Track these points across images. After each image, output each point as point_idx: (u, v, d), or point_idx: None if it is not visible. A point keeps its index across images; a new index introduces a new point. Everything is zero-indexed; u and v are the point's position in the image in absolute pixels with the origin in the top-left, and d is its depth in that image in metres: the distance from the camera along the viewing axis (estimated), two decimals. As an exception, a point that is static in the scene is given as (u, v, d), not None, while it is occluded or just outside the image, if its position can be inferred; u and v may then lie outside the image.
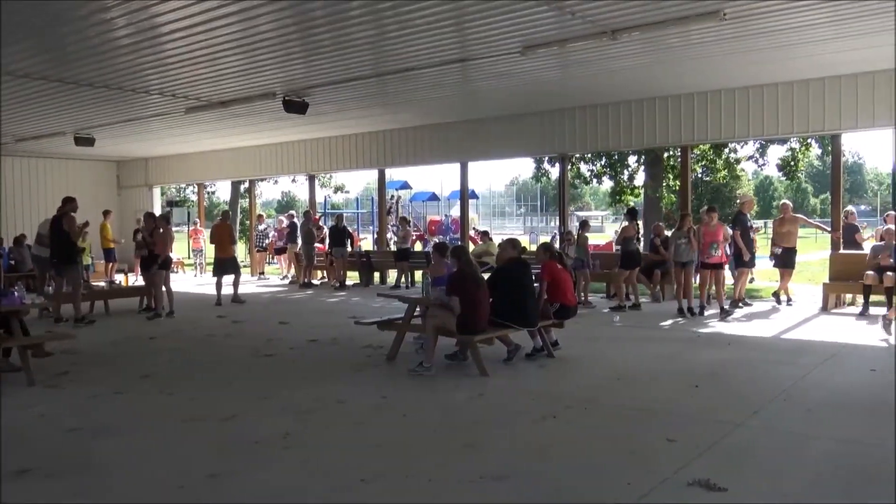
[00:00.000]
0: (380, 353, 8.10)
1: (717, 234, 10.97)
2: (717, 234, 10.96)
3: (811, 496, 3.91)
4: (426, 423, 5.53)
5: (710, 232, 10.92)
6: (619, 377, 6.95)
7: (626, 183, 22.67)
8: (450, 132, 15.77)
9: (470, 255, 7.76)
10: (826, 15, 7.93)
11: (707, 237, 10.88)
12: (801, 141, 19.55)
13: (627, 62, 10.07)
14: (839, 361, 7.51)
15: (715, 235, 10.91)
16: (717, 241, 10.88)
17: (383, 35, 8.44)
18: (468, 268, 7.31)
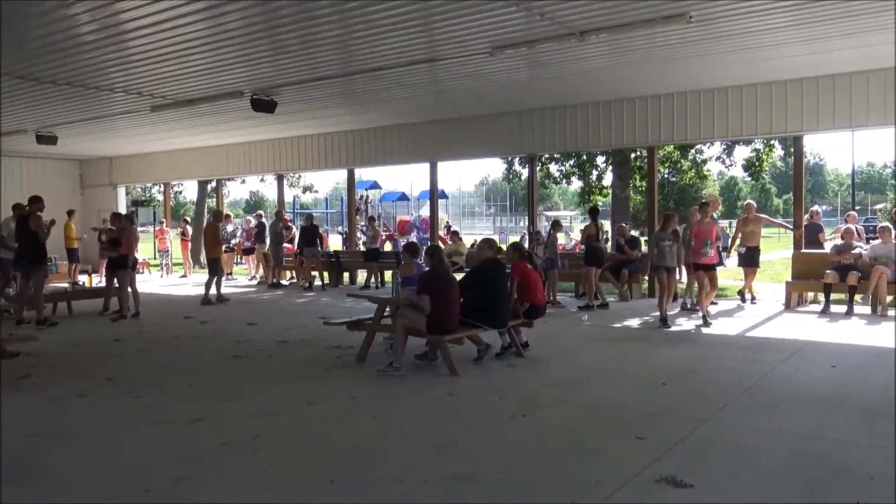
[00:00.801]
0: (349, 353, 8.06)
1: (711, 232, 10.21)
2: (711, 233, 10.20)
3: (776, 490, 3.98)
4: (396, 423, 5.52)
5: (703, 230, 10.13)
6: (587, 376, 7.00)
7: (594, 183, 22.92)
8: (419, 132, 15.77)
9: (443, 254, 7.76)
10: (788, 19, 8.09)
11: (700, 235, 10.13)
12: (764, 142, 19.93)
13: (595, 63, 10.16)
14: (802, 358, 7.66)
15: (708, 234, 10.12)
16: (710, 240, 10.12)
17: (351, 34, 8.41)
18: (441, 267, 7.31)
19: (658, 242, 10.10)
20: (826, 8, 7.64)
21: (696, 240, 10.12)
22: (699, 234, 10.12)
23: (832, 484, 4.07)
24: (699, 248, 10.08)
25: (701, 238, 10.08)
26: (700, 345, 8.60)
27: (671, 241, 10.05)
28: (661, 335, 9.41)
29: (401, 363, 7.01)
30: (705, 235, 10.08)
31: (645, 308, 11.86)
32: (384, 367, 7.02)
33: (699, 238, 10.09)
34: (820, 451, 4.67)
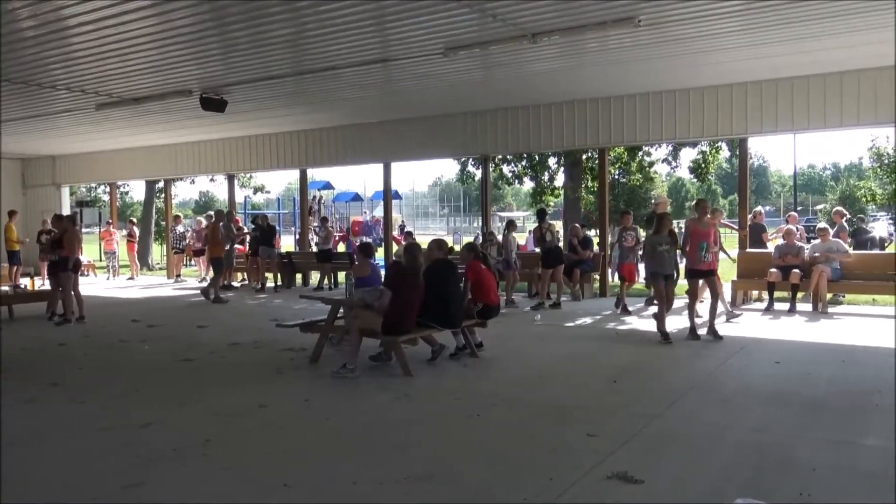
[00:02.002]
0: (302, 355, 7.99)
1: (708, 233, 9.00)
2: (708, 234, 8.99)
3: (725, 484, 4.08)
4: (350, 425, 5.49)
5: (700, 231, 8.93)
6: (540, 375, 7.08)
7: (546, 184, 23.19)
8: (373, 132, 15.71)
9: (420, 256, 7.65)
10: (734, 25, 8.30)
11: (695, 237, 8.91)
12: (711, 144, 20.43)
13: (547, 65, 10.26)
14: (747, 354, 7.87)
15: (705, 235, 8.93)
16: (708, 243, 8.93)
17: (303, 33, 8.33)
18: (413, 266, 7.31)
19: (655, 248, 8.86)
20: (770, 14, 7.86)
21: (692, 242, 8.92)
22: (695, 236, 8.94)
23: (779, 477, 4.19)
24: (695, 253, 8.86)
25: (696, 240, 8.91)
26: (650, 343, 8.75)
27: (668, 245, 8.86)
28: (611, 333, 9.56)
29: (355, 364, 6.97)
30: (701, 237, 8.92)
31: (597, 307, 12.04)
32: (338, 369, 6.98)
33: (694, 240, 8.92)
34: (767, 445, 4.80)
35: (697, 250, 8.82)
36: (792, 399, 5.95)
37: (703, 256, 8.82)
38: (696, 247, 8.84)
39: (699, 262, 8.86)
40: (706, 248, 8.86)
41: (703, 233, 8.93)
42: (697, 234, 8.91)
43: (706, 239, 8.90)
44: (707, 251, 8.87)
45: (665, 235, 8.91)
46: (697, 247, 8.84)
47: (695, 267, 8.92)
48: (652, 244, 8.97)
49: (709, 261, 8.95)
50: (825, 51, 9.53)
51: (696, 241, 8.88)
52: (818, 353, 7.89)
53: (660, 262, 8.80)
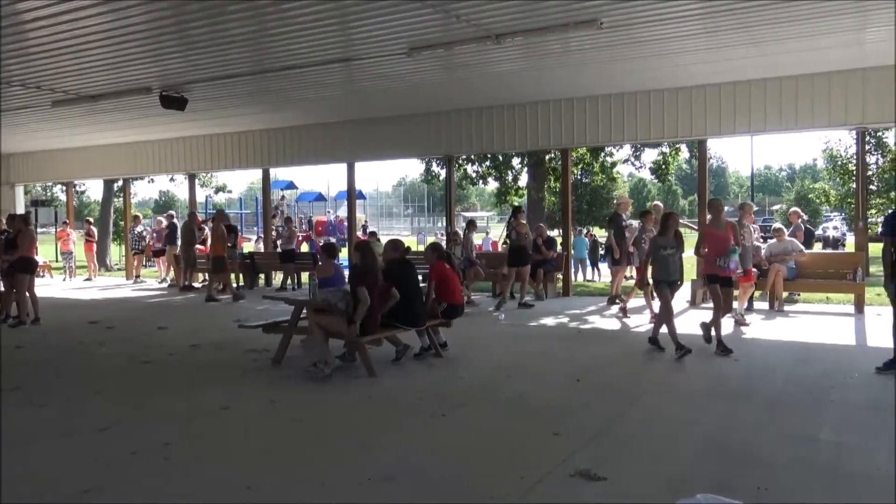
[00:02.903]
0: (266, 356, 7.91)
1: (727, 237, 8.14)
2: (726, 238, 8.13)
3: (687, 480, 4.14)
4: (315, 426, 5.46)
5: (715, 234, 8.14)
6: (505, 374, 7.11)
7: (510, 184, 23.32)
8: (336, 132, 15.62)
9: (375, 253, 7.65)
10: (694, 28, 8.45)
11: (711, 240, 8.16)
12: (671, 145, 20.74)
13: (511, 66, 10.32)
14: (707, 352, 8.00)
15: (722, 239, 8.09)
16: (726, 249, 8.05)
17: (264, 31, 8.24)
18: (374, 264, 7.27)
19: (658, 251, 8.00)
20: (728, 18, 8.02)
21: (708, 245, 8.19)
22: (710, 238, 8.17)
23: (738, 472, 4.27)
24: (712, 256, 8.10)
25: (713, 245, 8.13)
26: (613, 341, 8.86)
27: (674, 248, 7.98)
28: (574, 332, 9.65)
29: (327, 362, 6.89)
30: (719, 242, 8.08)
31: (559, 307, 12.14)
32: (308, 367, 6.89)
33: (710, 244, 8.14)
34: (727, 441, 4.90)
35: (715, 254, 8.04)
36: (751, 396, 6.08)
37: (722, 263, 7.97)
38: (714, 251, 8.07)
39: (717, 267, 8.04)
40: (736, 252, 8.10)
41: (720, 237, 8.08)
42: (714, 239, 8.13)
43: (724, 244, 8.04)
44: (727, 259, 7.96)
45: (671, 238, 8.00)
46: (714, 252, 8.06)
47: (711, 272, 8.10)
48: (656, 248, 8.06)
49: (731, 267, 8.10)
50: (782, 55, 9.75)
51: (712, 245, 8.13)
52: (775, 351, 8.07)
53: (664, 267, 7.96)
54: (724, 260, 7.97)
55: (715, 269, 8.04)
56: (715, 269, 8.04)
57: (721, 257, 7.97)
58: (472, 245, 13.47)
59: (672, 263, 7.94)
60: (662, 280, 8.00)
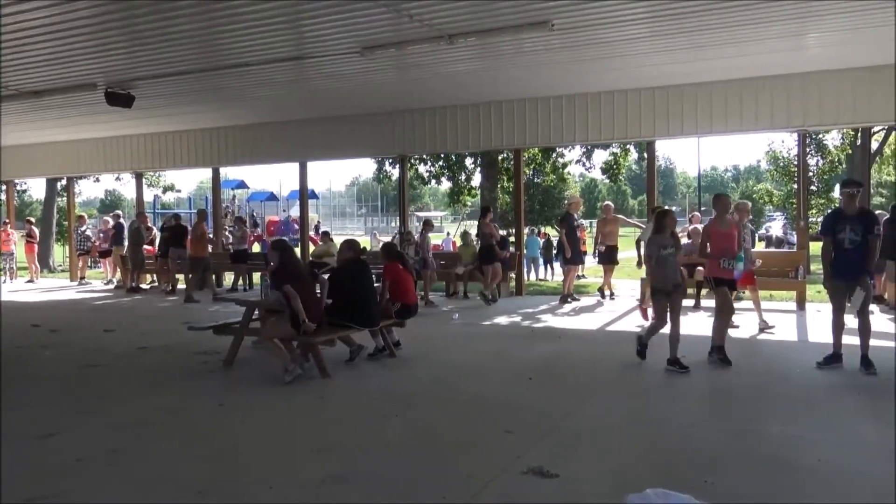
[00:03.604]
0: (216, 359, 7.78)
1: (732, 236, 7.48)
2: (732, 237, 7.47)
3: (637, 475, 4.21)
4: (267, 428, 5.40)
5: (721, 233, 7.46)
6: (458, 374, 7.14)
7: (463, 184, 23.41)
8: (289, 131, 15.45)
9: (292, 249, 7.59)
10: (643, 31, 8.60)
11: (715, 239, 7.45)
12: (621, 146, 21.07)
13: (464, 66, 10.36)
14: (656, 349, 8.13)
15: (727, 238, 7.43)
16: (731, 250, 7.41)
17: (214, 28, 8.10)
18: (291, 260, 7.21)
19: (659, 252, 7.16)
20: (675, 22, 8.19)
21: (712, 245, 7.44)
22: (714, 238, 7.45)
23: (686, 466, 4.37)
24: (716, 258, 7.41)
25: (719, 245, 7.42)
26: (564, 340, 8.97)
27: (673, 248, 7.23)
28: (527, 331, 9.74)
29: (291, 364, 6.79)
30: (724, 241, 7.42)
31: (513, 306, 12.23)
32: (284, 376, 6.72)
33: (715, 243, 7.42)
34: (674, 436, 5.01)
35: (719, 254, 7.37)
36: (698, 391, 6.23)
37: (726, 264, 7.35)
38: (718, 250, 7.40)
39: (722, 269, 7.38)
40: (741, 259, 7.47)
41: (725, 235, 7.45)
42: (718, 237, 7.43)
43: (730, 244, 7.42)
44: (731, 262, 7.36)
45: (668, 237, 7.28)
46: (722, 252, 7.38)
47: (717, 275, 7.40)
48: (656, 247, 7.21)
49: (739, 269, 7.57)
50: (725, 59, 10.00)
51: (716, 245, 7.41)
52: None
53: (663, 269, 7.17)
54: (730, 263, 7.34)
55: (721, 271, 7.35)
56: (721, 271, 7.35)
57: (725, 259, 7.31)
58: (429, 245, 13.49)
59: (671, 264, 7.19)
60: (661, 289, 7.18)
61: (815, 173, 24.46)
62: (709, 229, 7.60)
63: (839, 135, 24.34)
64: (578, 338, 9.18)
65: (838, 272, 6.89)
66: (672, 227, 7.37)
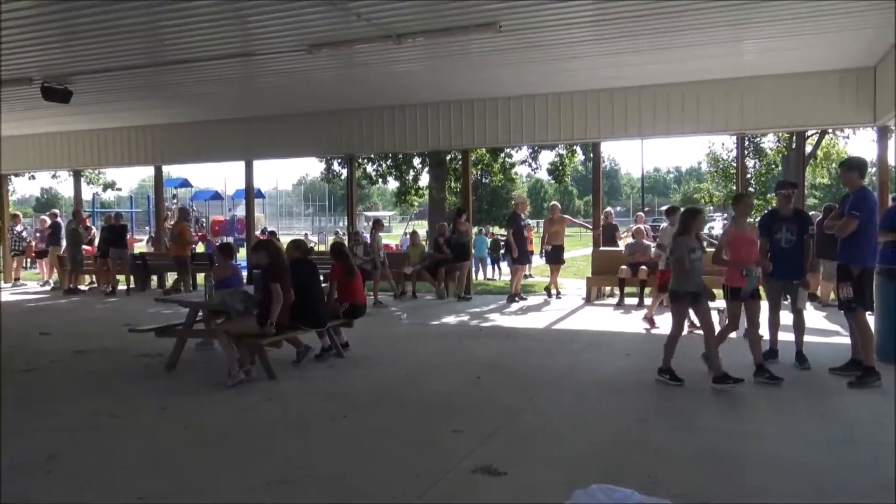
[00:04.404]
0: (158, 361, 7.60)
1: (752, 241, 6.78)
2: (753, 242, 6.77)
3: (583, 471, 4.28)
4: (211, 432, 5.30)
5: (743, 238, 6.67)
6: (407, 373, 7.14)
7: (410, 184, 23.41)
8: (234, 128, 15.17)
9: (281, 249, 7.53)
10: (587, 34, 8.75)
11: (735, 245, 6.65)
12: (567, 147, 21.36)
13: (413, 66, 10.35)
14: (601, 348, 8.32)
15: (750, 244, 6.70)
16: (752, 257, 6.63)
17: (157, 23, 7.92)
18: (280, 259, 7.14)
19: (688, 254, 6.34)
20: (618, 26, 8.34)
21: (732, 251, 6.65)
22: (735, 243, 6.65)
23: (630, 462, 4.46)
24: (736, 265, 6.55)
25: (739, 249, 6.63)
26: (512, 339, 9.05)
27: (700, 250, 6.50)
28: (475, 330, 9.80)
29: (236, 368, 6.67)
30: (744, 246, 6.66)
31: (461, 306, 12.29)
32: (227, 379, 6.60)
33: (736, 248, 6.64)
34: (619, 432, 5.10)
35: (740, 264, 6.52)
36: (643, 387, 6.35)
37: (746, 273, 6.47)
38: (737, 258, 6.58)
39: (742, 277, 6.50)
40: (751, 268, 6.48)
41: (747, 240, 6.68)
42: (740, 243, 6.64)
43: (751, 249, 6.66)
44: (751, 272, 6.48)
45: (694, 238, 6.51)
46: (740, 259, 6.56)
47: (737, 284, 6.57)
48: (685, 249, 6.37)
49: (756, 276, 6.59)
50: (668, 63, 10.24)
51: (737, 251, 6.62)
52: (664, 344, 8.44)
53: (689, 273, 6.38)
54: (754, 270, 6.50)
55: (742, 279, 6.50)
56: (742, 279, 6.50)
57: (747, 268, 6.47)
58: (380, 245, 13.50)
59: (698, 269, 6.44)
60: (685, 291, 6.43)
61: (752, 175, 25.22)
62: (730, 233, 6.75)
63: (775, 138, 25.15)
64: (526, 336, 9.27)
65: (775, 271, 7.11)
66: (699, 229, 6.71)
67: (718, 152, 27.58)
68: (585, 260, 17.81)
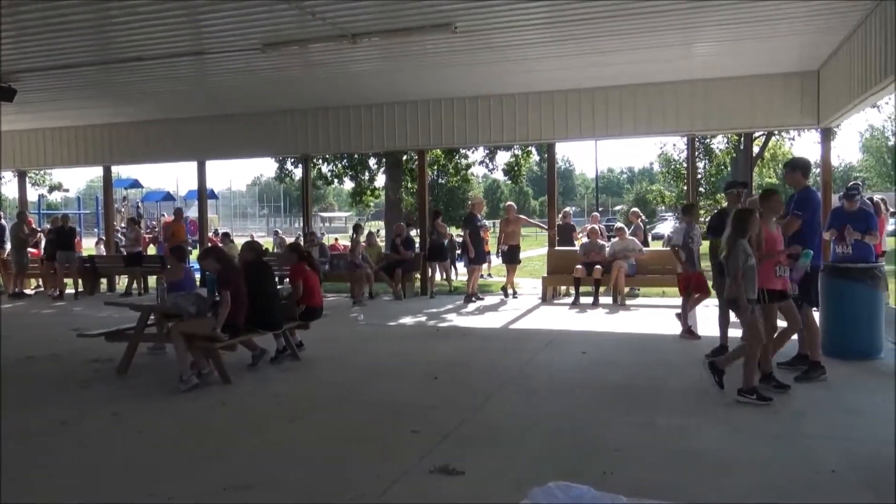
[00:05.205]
0: (109, 366, 7.43)
1: (780, 240, 6.38)
2: (780, 242, 6.36)
3: (539, 469, 4.32)
4: (165, 437, 5.20)
5: (772, 236, 6.29)
6: (364, 375, 7.11)
7: (367, 184, 23.32)
8: (187, 128, 14.92)
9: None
10: (541, 36, 8.84)
11: (770, 244, 6.21)
12: (522, 148, 21.54)
13: (368, 66, 10.32)
14: (557, 346, 8.40)
15: (777, 243, 6.30)
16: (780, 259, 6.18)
17: (106, 19, 7.75)
18: (231, 264, 7.07)
19: (747, 259, 5.74)
20: (571, 28, 8.46)
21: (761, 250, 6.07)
22: (769, 242, 6.21)
23: (586, 459, 4.52)
24: (770, 264, 6.09)
25: (771, 248, 6.18)
26: (469, 338, 9.08)
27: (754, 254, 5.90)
28: (432, 331, 9.81)
29: (189, 371, 6.55)
30: (772, 245, 6.23)
31: (418, 306, 12.28)
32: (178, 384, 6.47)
33: (768, 247, 6.17)
34: (576, 430, 5.16)
35: (771, 264, 6.09)
36: (597, 386, 6.44)
37: (782, 272, 6.17)
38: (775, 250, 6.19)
39: (778, 278, 6.13)
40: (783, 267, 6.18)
41: (775, 238, 6.32)
42: (772, 242, 6.26)
43: (777, 247, 6.26)
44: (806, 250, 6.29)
45: (748, 231, 5.88)
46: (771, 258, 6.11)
47: (771, 286, 6.07)
48: (745, 254, 5.75)
49: (784, 274, 6.21)
50: (622, 65, 10.41)
51: (769, 250, 6.16)
52: (619, 343, 8.59)
53: (751, 279, 5.78)
54: (784, 269, 6.19)
55: (776, 280, 6.11)
56: (776, 280, 6.11)
57: (781, 266, 6.15)
58: (360, 248, 13.54)
59: (753, 273, 5.83)
60: (750, 300, 5.78)
61: (703, 176, 25.77)
62: (762, 232, 6.19)
63: (724, 139, 25.74)
64: (483, 336, 9.31)
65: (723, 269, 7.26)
66: (756, 230, 6.02)
67: (670, 153, 28.13)
68: (541, 260, 17.98)
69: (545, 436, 5.07)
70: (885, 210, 7.52)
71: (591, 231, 12.85)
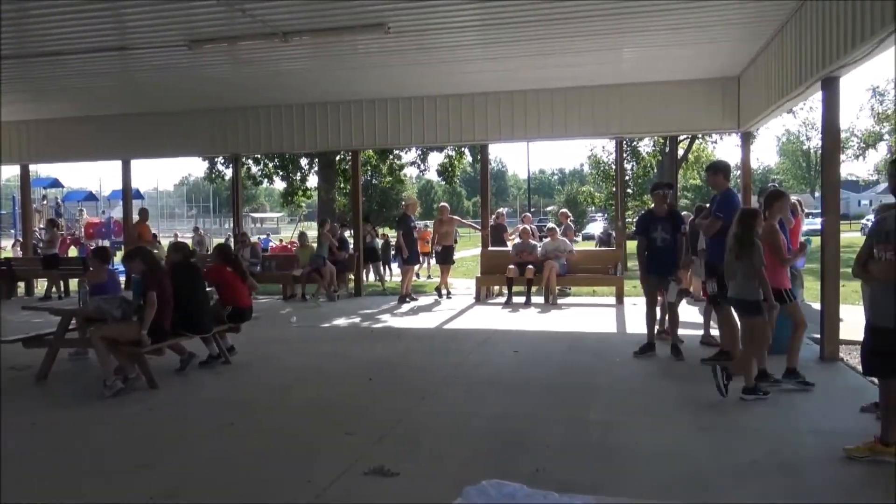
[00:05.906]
0: (27, 374, 7.10)
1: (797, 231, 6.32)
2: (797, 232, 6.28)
3: (473, 468, 4.34)
4: (88, 445, 5.01)
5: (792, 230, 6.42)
6: (297, 377, 7.02)
7: (298, 184, 23.04)
8: (111, 126, 14.37)
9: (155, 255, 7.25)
10: (473, 39, 8.91)
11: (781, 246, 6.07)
12: (456, 149, 21.65)
13: (299, 65, 10.19)
14: (490, 346, 8.48)
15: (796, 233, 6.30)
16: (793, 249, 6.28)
17: (21, 11, 7.39)
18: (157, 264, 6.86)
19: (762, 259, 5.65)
20: (502, 32, 8.55)
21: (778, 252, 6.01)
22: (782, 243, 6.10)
23: (518, 457, 4.58)
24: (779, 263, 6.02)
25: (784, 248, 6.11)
26: (403, 339, 9.08)
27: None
28: (366, 332, 9.76)
29: (113, 377, 6.32)
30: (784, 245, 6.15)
31: (352, 307, 12.20)
32: (102, 388, 6.26)
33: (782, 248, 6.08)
34: (508, 428, 5.22)
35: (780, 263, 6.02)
36: (529, 384, 6.53)
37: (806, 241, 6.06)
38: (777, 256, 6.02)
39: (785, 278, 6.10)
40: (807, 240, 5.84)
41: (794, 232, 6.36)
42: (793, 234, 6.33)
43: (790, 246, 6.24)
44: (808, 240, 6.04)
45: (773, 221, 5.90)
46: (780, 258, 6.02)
47: (785, 286, 6.05)
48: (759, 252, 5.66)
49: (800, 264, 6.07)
50: (553, 68, 10.58)
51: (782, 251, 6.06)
52: (551, 341, 8.73)
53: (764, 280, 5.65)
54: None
55: (784, 279, 6.06)
56: (784, 279, 6.06)
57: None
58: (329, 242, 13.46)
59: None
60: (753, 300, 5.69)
61: (630, 177, 26.40)
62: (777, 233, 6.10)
63: (651, 142, 26.44)
64: (417, 337, 9.32)
65: (652, 268, 7.49)
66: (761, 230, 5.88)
67: (599, 155, 28.71)
68: (475, 260, 18.12)
69: (479, 434, 5.11)
70: (801, 211, 7.85)
71: (523, 231, 13.01)
